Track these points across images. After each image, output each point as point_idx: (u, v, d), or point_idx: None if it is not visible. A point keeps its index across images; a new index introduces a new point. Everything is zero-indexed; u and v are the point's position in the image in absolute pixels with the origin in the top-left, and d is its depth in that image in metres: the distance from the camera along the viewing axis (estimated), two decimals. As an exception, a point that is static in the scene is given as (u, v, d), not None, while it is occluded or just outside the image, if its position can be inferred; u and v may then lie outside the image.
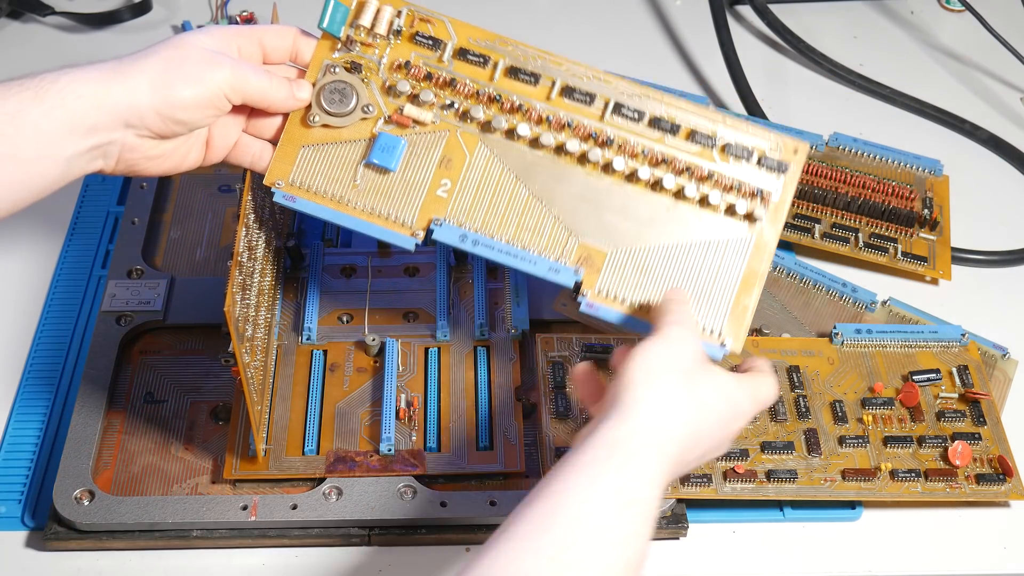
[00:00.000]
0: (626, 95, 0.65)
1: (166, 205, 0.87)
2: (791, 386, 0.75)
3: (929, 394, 0.75)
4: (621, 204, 0.65)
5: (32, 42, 1.04)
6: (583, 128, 0.65)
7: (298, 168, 0.65)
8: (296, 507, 0.68)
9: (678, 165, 0.64)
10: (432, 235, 0.64)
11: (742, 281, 0.64)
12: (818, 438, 0.72)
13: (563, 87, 0.65)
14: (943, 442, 0.72)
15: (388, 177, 0.65)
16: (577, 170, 0.65)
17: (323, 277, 0.81)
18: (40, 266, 0.84)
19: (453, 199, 0.65)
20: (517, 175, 0.65)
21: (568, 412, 0.72)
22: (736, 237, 0.64)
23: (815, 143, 0.91)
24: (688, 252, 0.64)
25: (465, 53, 0.66)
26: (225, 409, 0.74)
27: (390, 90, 0.65)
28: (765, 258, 0.64)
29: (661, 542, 0.70)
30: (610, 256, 0.64)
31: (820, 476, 0.70)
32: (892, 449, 0.72)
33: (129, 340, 0.78)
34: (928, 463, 0.72)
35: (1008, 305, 0.86)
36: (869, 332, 0.77)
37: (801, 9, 1.11)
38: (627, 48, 1.07)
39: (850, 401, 0.74)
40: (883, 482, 0.71)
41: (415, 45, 0.66)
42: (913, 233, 0.86)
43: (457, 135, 0.65)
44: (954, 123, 0.99)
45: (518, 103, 0.65)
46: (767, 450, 0.71)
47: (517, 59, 0.66)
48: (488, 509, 0.69)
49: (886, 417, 0.74)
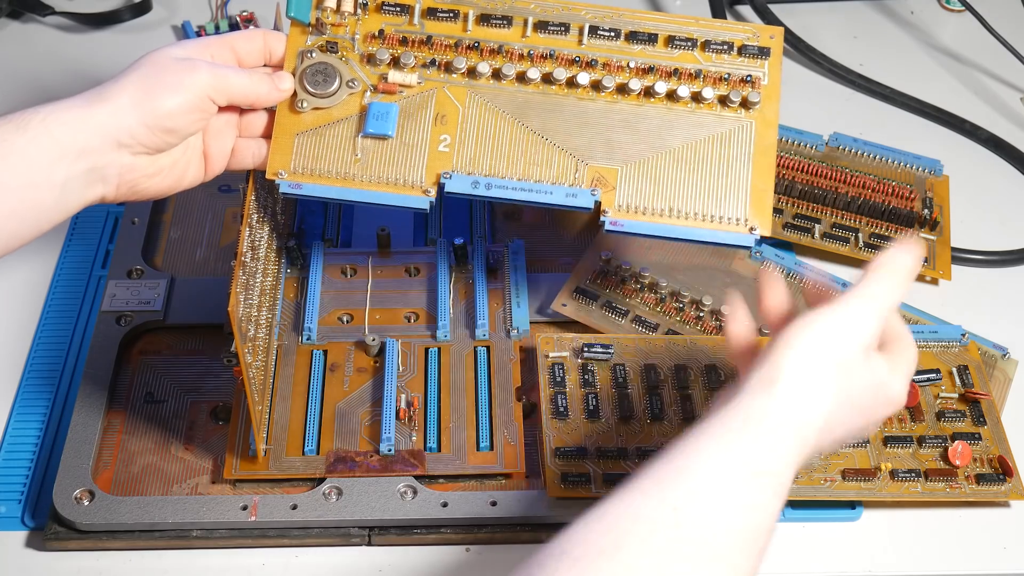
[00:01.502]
0: (598, 18, 0.67)
1: (166, 205, 0.87)
2: None
3: (929, 394, 0.75)
4: (620, 120, 0.66)
5: (32, 42, 1.04)
6: (564, 56, 0.66)
7: (297, 155, 0.66)
8: (296, 507, 0.68)
9: (665, 70, 0.66)
10: (445, 189, 0.66)
11: (754, 166, 0.65)
12: None
13: (536, 23, 0.67)
14: (943, 442, 0.72)
15: (387, 144, 0.66)
16: (569, 98, 0.67)
17: (323, 277, 0.81)
18: (40, 266, 0.84)
19: (456, 151, 0.66)
20: (513, 115, 0.66)
21: (568, 412, 0.72)
22: (737, 125, 0.66)
23: (815, 143, 0.91)
24: (695, 150, 0.66)
25: (434, 12, 0.67)
26: (225, 409, 0.74)
27: (370, 60, 0.66)
28: (771, 136, 0.66)
29: (661, 542, 0.70)
30: (621, 172, 0.66)
31: (820, 476, 0.70)
32: (892, 449, 0.72)
33: (129, 340, 0.78)
34: (928, 463, 0.72)
35: (1008, 305, 0.86)
36: None
37: (801, 9, 1.11)
38: (627, 48, 1.07)
39: None
40: (883, 482, 0.71)
41: (383, 15, 0.67)
42: (913, 233, 0.86)
43: (445, 90, 0.67)
44: (954, 123, 0.99)
45: (497, 46, 0.66)
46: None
47: (484, 7, 0.67)
48: (488, 509, 0.69)
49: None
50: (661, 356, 0.75)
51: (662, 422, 0.72)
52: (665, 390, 0.73)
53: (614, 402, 0.73)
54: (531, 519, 0.69)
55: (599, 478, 0.69)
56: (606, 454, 0.70)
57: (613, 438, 0.71)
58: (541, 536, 0.69)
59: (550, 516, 0.68)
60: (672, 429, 0.71)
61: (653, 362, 0.75)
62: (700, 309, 0.78)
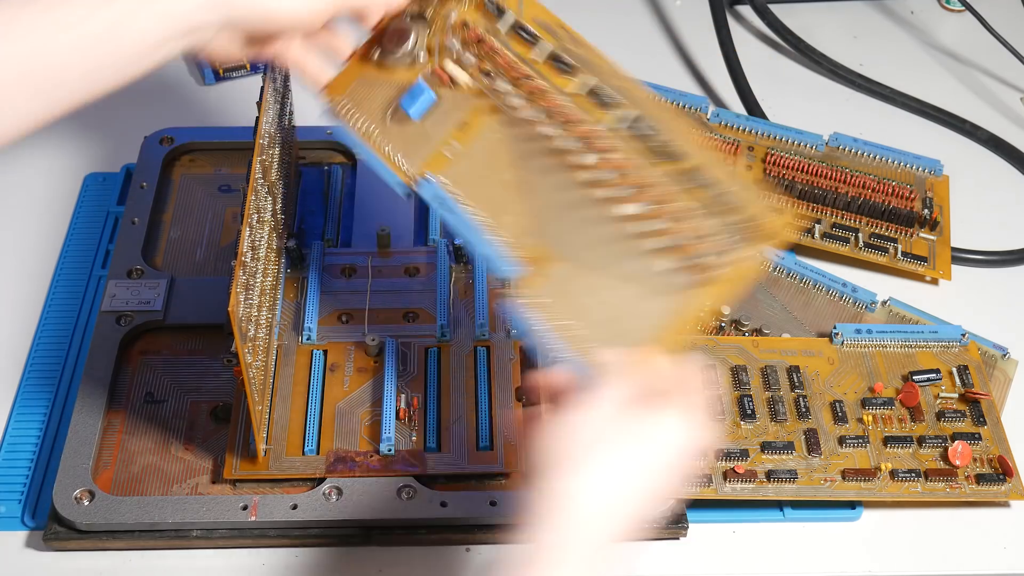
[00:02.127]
0: (646, 116, 0.63)
1: (166, 205, 0.87)
2: (791, 386, 0.75)
3: (929, 394, 0.75)
4: (596, 229, 0.62)
5: (32, 42, 1.04)
6: (590, 132, 0.64)
7: (349, 93, 0.67)
8: (296, 507, 0.68)
9: (667, 210, 0.60)
10: (417, 188, 0.66)
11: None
12: (818, 438, 0.72)
13: (592, 88, 0.64)
14: (943, 442, 0.72)
15: (410, 125, 0.66)
16: (568, 174, 0.64)
17: (323, 277, 0.81)
18: (40, 266, 0.84)
19: (454, 163, 0.66)
20: (514, 157, 0.65)
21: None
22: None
23: (815, 143, 0.91)
24: (629, 296, 0.61)
25: (520, 28, 0.66)
26: (225, 409, 0.74)
27: (442, 45, 0.67)
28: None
29: (661, 542, 0.70)
30: (561, 268, 0.62)
31: (820, 476, 0.70)
32: (892, 449, 0.72)
33: (129, 340, 0.77)
34: (928, 463, 0.72)
35: (1008, 305, 0.86)
36: (869, 332, 0.77)
37: (801, 9, 1.11)
38: (627, 48, 1.06)
39: (850, 401, 0.74)
40: (883, 482, 0.71)
41: (481, 10, 0.67)
42: (913, 233, 0.86)
43: (481, 103, 0.66)
44: (954, 123, 0.99)
45: (542, 87, 0.65)
46: (767, 450, 0.71)
47: (560, 48, 0.66)
48: (488, 509, 0.69)
49: (886, 417, 0.74)
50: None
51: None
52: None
53: None
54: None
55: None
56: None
57: None
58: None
59: (550, 516, 0.68)
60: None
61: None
62: (740, 328, 0.80)
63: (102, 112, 0.98)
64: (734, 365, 0.75)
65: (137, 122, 0.94)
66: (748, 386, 0.74)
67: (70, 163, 0.92)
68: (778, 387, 0.75)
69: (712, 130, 0.91)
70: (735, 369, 0.75)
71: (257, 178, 0.68)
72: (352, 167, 0.90)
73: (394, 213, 0.86)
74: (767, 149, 0.90)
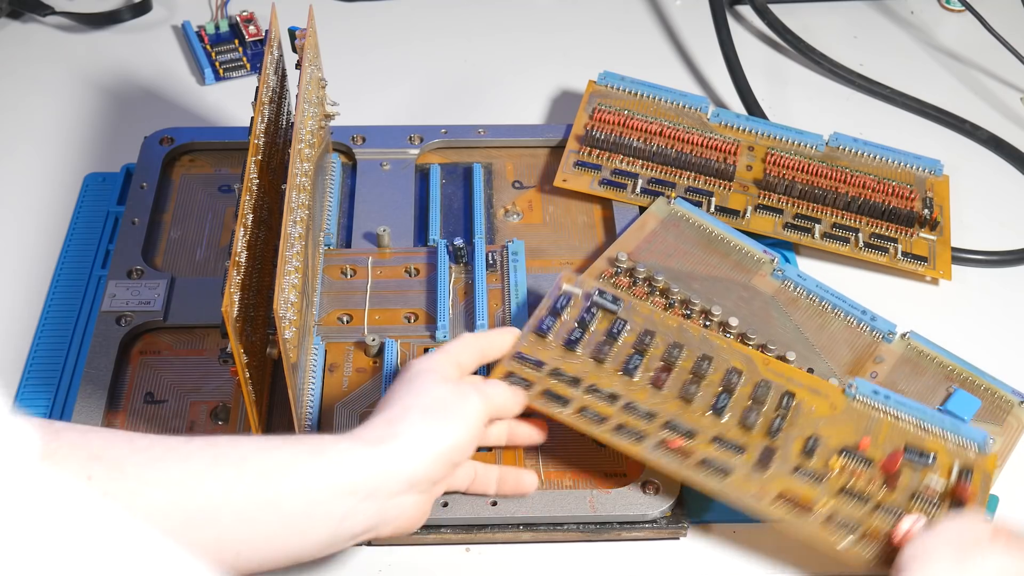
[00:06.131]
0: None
1: (166, 205, 0.87)
2: (776, 406, 0.69)
3: (917, 474, 0.67)
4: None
5: (32, 42, 1.04)
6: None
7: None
8: (296, 507, 0.68)
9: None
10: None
11: None
12: (773, 457, 0.67)
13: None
14: (898, 520, 0.64)
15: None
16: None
17: (323, 277, 0.81)
18: (40, 266, 0.84)
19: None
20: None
21: (548, 333, 0.71)
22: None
23: (815, 143, 0.91)
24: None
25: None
26: (225, 409, 0.74)
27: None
28: None
29: (661, 542, 0.70)
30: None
31: (753, 488, 0.66)
32: (844, 499, 0.65)
33: (129, 340, 0.77)
34: (870, 531, 0.64)
35: (1008, 305, 0.86)
36: (887, 398, 0.70)
37: (801, 9, 1.11)
38: (627, 48, 1.07)
39: (828, 443, 0.68)
40: (812, 522, 0.65)
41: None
42: (913, 233, 0.86)
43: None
44: (954, 123, 0.99)
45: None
46: (716, 443, 0.67)
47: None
48: (488, 509, 0.69)
49: (856, 471, 0.67)
50: (666, 331, 0.72)
51: (631, 379, 0.70)
52: (650, 354, 0.71)
53: (596, 344, 0.71)
54: (531, 519, 0.69)
55: (541, 391, 0.68)
56: (560, 375, 0.69)
57: (575, 368, 0.70)
58: (541, 536, 0.69)
59: (550, 516, 0.68)
60: (635, 387, 0.70)
61: (654, 331, 0.72)
62: (708, 319, 0.78)
63: (102, 112, 0.98)
64: (731, 367, 0.71)
65: (137, 122, 0.95)
66: (734, 390, 0.70)
67: (70, 163, 0.92)
68: (763, 403, 0.69)
69: (712, 130, 0.91)
70: (730, 371, 0.71)
71: (252, 178, 0.68)
72: (352, 167, 0.90)
73: (394, 213, 0.86)
74: (767, 149, 0.90)
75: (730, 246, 0.83)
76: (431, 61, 1.04)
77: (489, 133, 0.92)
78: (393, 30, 1.07)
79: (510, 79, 1.03)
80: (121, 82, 1.00)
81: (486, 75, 1.03)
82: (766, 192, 0.87)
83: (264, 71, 0.73)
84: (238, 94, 0.99)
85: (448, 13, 1.10)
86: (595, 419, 0.68)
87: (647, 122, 0.89)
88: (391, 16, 1.09)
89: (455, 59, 1.05)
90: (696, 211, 0.85)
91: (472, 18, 1.10)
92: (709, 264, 0.82)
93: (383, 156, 0.90)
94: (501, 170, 0.91)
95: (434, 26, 1.08)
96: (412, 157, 0.90)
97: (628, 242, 0.82)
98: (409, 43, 1.06)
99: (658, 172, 0.88)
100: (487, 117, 0.96)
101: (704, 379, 0.71)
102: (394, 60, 1.04)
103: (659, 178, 0.88)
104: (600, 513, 0.68)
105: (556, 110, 1.00)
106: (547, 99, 1.01)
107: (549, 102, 1.00)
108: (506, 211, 0.88)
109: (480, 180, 0.89)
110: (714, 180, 0.88)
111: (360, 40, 1.06)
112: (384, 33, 1.07)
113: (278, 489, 0.56)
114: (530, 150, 0.92)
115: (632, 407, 0.69)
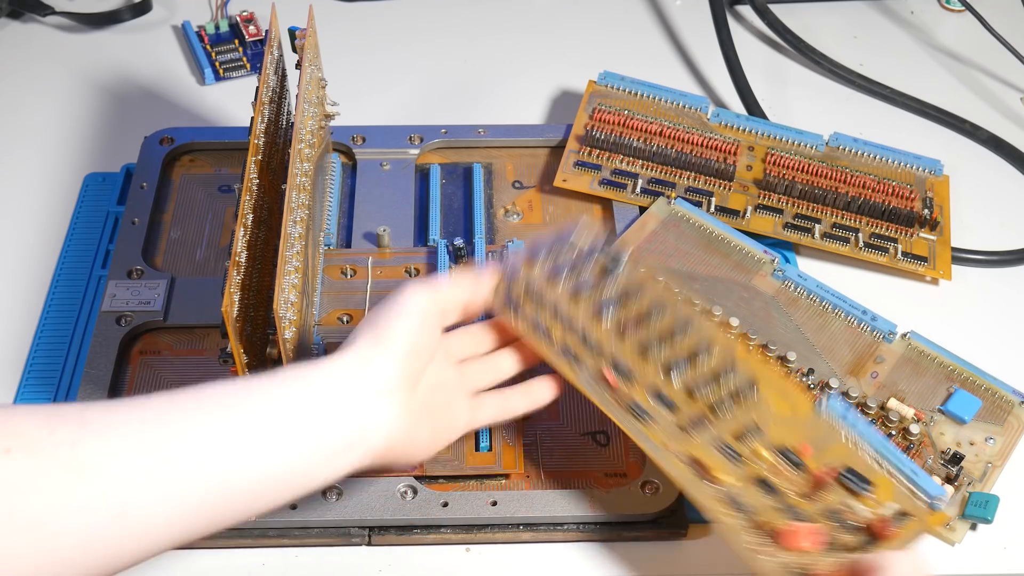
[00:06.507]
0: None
1: (166, 205, 0.87)
2: (733, 392, 0.63)
3: (845, 497, 0.60)
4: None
5: (32, 42, 1.04)
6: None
7: None
8: (296, 507, 0.68)
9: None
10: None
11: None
12: (702, 426, 0.62)
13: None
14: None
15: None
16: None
17: (323, 277, 0.81)
18: (40, 266, 0.84)
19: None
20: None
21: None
22: None
23: (815, 143, 0.91)
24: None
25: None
26: (225, 409, 0.74)
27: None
28: None
29: (661, 542, 0.70)
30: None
31: (667, 441, 0.62)
32: (755, 487, 0.60)
33: (129, 340, 0.78)
34: (765, 520, 0.59)
35: (1008, 305, 0.86)
36: (853, 425, 0.63)
37: (801, 9, 1.11)
38: (627, 48, 1.07)
39: (768, 437, 0.61)
40: (710, 491, 0.61)
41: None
42: (913, 233, 0.86)
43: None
44: (954, 123, 0.99)
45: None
46: (651, 394, 0.63)
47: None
48: (488, 509, 0.69)
49: (781, 471, 0.61)
50: (658, 302, 0.67)
51: (599, 320, 0.66)
52: (628, 307, 0.67)
53: (580, 283, 0.67)
54: (531, 519, 0.69)
55: (502, 294, 0.67)
56: (530, 291, 0.67)
57: (550, 293, 0.67)
58: (541, 536, 0.69)
59: (550, 516, 0.69)
60: (598, 326, 0.67)
61: (643, 294, 0.67)
62: (709, 319, 0.78)
63: (102, 112, 0.98)
64: (707, 345, 0.64)
65: (137, 122, 0.95)
66: (697, 363, 0.64)
67: (70, 163, 0.92)
68: (720, 384, 0.63)
69: (712, 130, 0.91)
70: (703, 348, 0.64)
71: (252, 178, 0.68)
72: (352, 167, 0.90)
73: (394, 213, 0.86)
74: (767, 149, 0.90)
75: (730, 246, 0.83)
76: (431, 61, 1.04)
77: (489, 133, 0.92)
78: (393, 30, 1.07)
79: (510, 79, 1.03)
80: (121, 82, 1.00)
81: (486, 75, 1.03)
82: (766, 192, 0.87)
83: (264, 71, 0.73)
84: (238, 94, 0.99)
85: (448, 13, 1.10)
86: (544, 335, 0.66)
87: (647, 122, 0.89)
88: (391, 16, 1.09)
89: (455, 59, 1.05)
90: (696, 211, 0.85)
91: (472, 18, 1.10)
92: (709, 264, 0.82)
93: (383, 156, 0.90)
94: (501, 170, 0.91)
95: (434, 26, 1.08)
96: (412, 157, 0.90)
97: (628, 242, 0.82)
98: (409, 43, 1.06)
99: (658, 172, 0.88)
100: (487, 117, 0.96)
101: (672, 344, 0.66)
102: (394, 60, 1.04)
103: (659, 178, 0.88)
104: (600, 513, 0.68)
105: (556, 110, 1.00)
106: (547, 99, 1.01)
107: (549, 102, 1.01)
108: (506, 211, 0.88)
109: (480, 180, 0.89)
110: (714, 180, 0.88)
111: (360, 40, 1.06)
112: (384, 33, 1.07)
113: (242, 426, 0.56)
114: (530, 150, 0.92)
115: (585, 338, 0.66)
